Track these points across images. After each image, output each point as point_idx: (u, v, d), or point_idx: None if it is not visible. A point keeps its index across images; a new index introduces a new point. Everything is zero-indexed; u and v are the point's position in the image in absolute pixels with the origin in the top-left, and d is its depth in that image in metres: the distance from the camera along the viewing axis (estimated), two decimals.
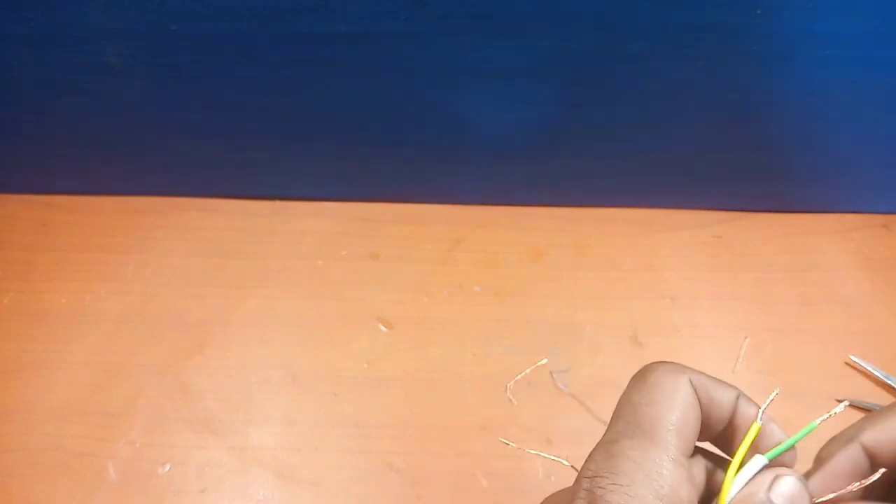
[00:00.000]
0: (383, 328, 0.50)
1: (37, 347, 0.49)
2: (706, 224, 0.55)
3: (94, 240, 0.54)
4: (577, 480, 0.24)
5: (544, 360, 0.48)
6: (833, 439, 0.27)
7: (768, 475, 0.25)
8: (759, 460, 0.25)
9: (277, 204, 0.56)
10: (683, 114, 0.48)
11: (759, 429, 0.26)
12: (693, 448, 0.26)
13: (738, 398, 0.26)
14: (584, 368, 0.48)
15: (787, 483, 0.25)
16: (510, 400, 0.46)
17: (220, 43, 0.44)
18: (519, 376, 0.47)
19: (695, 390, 0.26)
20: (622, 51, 0.43)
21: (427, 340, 0.49)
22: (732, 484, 0.25)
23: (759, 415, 0.26)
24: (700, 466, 0.27)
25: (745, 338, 0.49)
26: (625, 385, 0.27)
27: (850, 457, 0.26)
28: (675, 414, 0.25)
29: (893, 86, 0.45)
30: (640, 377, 0.26)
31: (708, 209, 0.56)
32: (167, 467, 0.44)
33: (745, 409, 0.26)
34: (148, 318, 0.50)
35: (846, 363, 0.47)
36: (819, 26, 0.41)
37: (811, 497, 0.25)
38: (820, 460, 0.27)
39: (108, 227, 0.55)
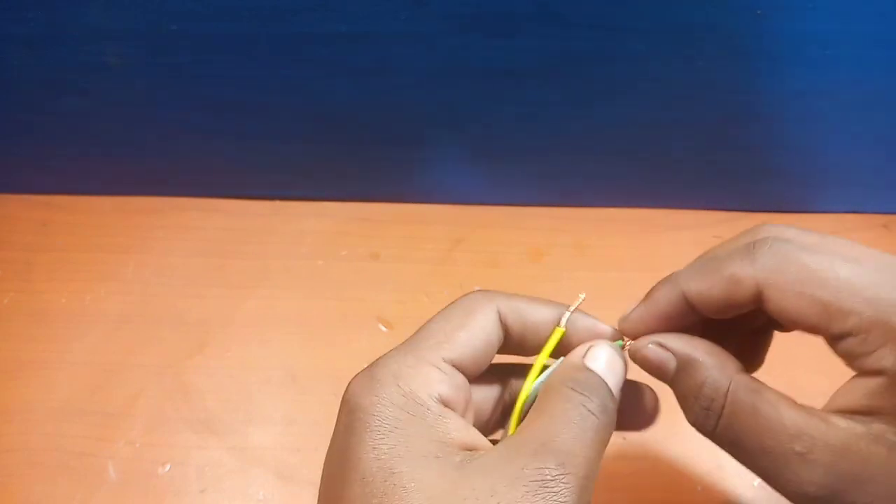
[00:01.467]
0: (383, 328, 0.50)
1: (37, 347, 0.49)
2: (706, 224, 0.55)
3: (94, 240, 0.54)
4: (343, 402, 0.27)
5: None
6: (662, 280, 0.29)
7: (582, 347, 0.28)
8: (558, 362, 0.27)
9: (277, 204, 0.56)
10: (683, 114, 0.48)
11: (563, 333, 0.28)
12: (484, 365, 0.28)
13: (561, 316, 0.29)
14: None
15: (601, 349, 0.27)
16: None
17: (220, 43, 0.44)
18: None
19: (503, 315, 0.28)
20: (622, 51, 0.43)
21: None
22: (532, 384, 0.27)
23: (564, 321, 0.28)
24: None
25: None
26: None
27: (670, 301, 0.28)
28: (458, 331, 0.27)
29: (893, 86, 0.45)
30: (451, 303, 0.29)
31: (708, 209, 0.56)
32: (167, 467, 0.44)
33: (583, 322, 0.29)
34: (148, 318, 0.50)
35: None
36: (819, 27, 0.41)
37: (626, 362, 0.28)
38: (647, 295, 0.29)
39: (108, 227, 0.55)
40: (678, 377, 0.27)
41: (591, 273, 0.53)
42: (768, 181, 0.53)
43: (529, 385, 0.27)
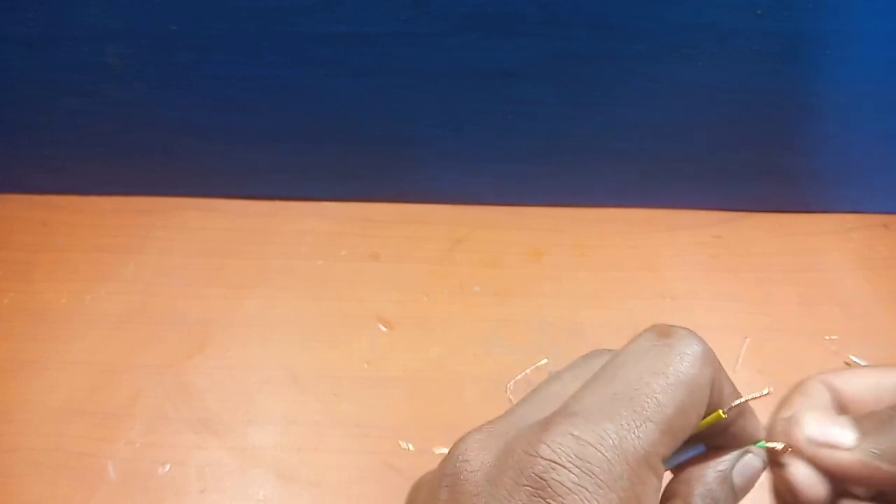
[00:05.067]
0: (383, 328, 0.50)
1: (37, 347, 0.49)
2: (706, 224, 0.55)
3: (94, 240, 0.54)
4: (517, 454, 0.19)
5: (544, 361, 0.48)
6: (805, 379, 0.25)
7: (737, 453, 0.23)
8: (698, 448, 0.24)
9: (277, 204, 0.56)
10: (683, 114, 0.48)
11: (723, 418, 0.23)
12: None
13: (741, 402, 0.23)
14: None
15: (751, 461, 0.23)
16: (510, 400, 0.46)
17: (220, 43, 0.44)
18: (519, 376, 0.47)
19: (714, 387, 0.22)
20: (622, 51, 0.43)
21: (427, 340, 0.49)
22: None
23: (729, 407, 0.23)
24: None
25: (745, 338, 0.49)
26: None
27: (824, 396, 0.24)
28: (671, 410, 0.20)
29: (894, 86, 0.45)
30: (663, 342, 0.21)
31: (708, 209, 0.56)
32: (167, 467, 0.44)
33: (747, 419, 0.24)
34: (148, 318, 0.50)
35: (846, 363, 0.47)
36: (819, 26, 0.41)
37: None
38: (796, 394, 0.25)
39: (108, 227, 0.55)
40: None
41: (591, 273, 0.53)
42: (768, 181, 0.53)
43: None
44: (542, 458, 0.18)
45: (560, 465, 0.18)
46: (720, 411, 0.22)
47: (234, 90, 0.47)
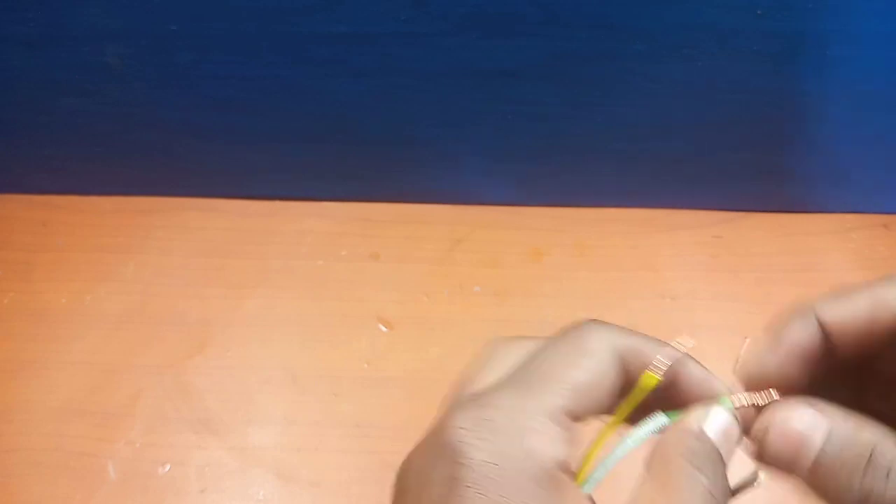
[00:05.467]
0: (383, 328, 0.50)
1: (37, 347, 0.49)
2: (706, 224, 0.55)
3: (94, 240, 0.54)
4: (442, 430, 0.21)
5: None
6: (791, 309, 0.25)
7: (701, 410, 0.23)
8: (659, 419, 0.23)
9: (277, 204, 0.56)
10: (683, 114, 0.48)
11: (656, 381, 0.23)
12: (600, 410, 0.23)
13: (680, 359, 0.24)
14: None
15: (720, 416, 0.23)
16: None
17: (220, 43, 0.44)
18: None
19: (620, 354, 0.24)
20: (622, 51, 0.43)
21: (427, 340, 0.49)
22: (609, 434, 0.23)
23: (659, 367, 0.23)
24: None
25: (745, 338, 0.49)
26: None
27: (806, 333, 0.24)
28: (573, 371, 0.22)
29: (893, 86, 0.45)
30: (561, 332, 0.25)
31: (708, 209, 0.56)
32: (167, 467, 0.44)
33: (691, 371, 0.25)
34: (148, 318, 0.50)
35: None
36: (819, 26, 0.41)
37: (741, 430, 0.23)
38: (774, 332, 0.25)
39: (108, 227, 0.55)
40: (828, 456, 0.21)
41: (591, 273, 0.53)
42: (768, 181, 0.53)
43: (606, 435, 0.24)
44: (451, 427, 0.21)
45: (465, 429, 0.21)
46: (651, 374, 0.23)
47: (234, 90, 0.47)
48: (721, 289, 0.52)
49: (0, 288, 0.52)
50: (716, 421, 0.23)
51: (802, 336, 0.24)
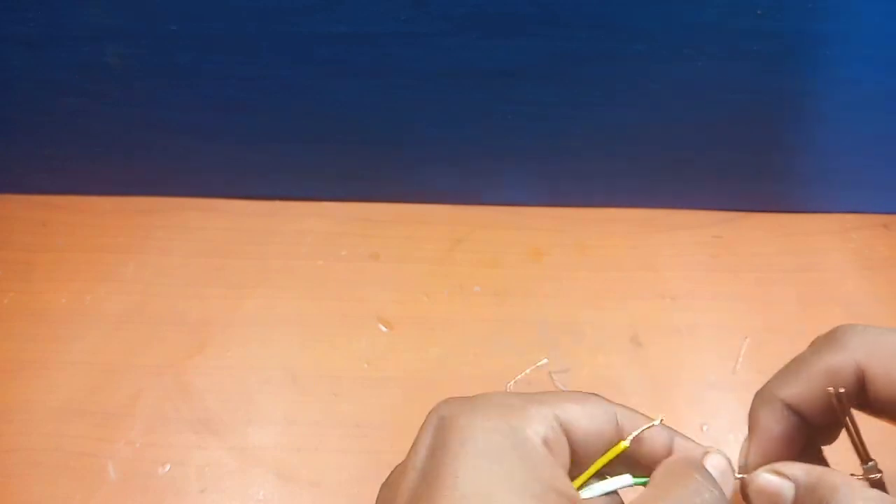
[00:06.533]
0: (383, 328, 0.50)
1: (37, 347, 0.49)
2: (706, 224, 0.55)
3: (94, 240, 0.54)
4: (434, 420, 0.24)
5: (544, 360, 0.48)
6: (756, 397, 0.27)
7: (698, 449, 0.26)
8: (626, 478, 0.25)
9: (277, 204, 0.56)
10: (683, 114, 0.48)
11: (625, 448, 0.25)
12: (592, 448, 0.25)
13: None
14: (583, 368, 0.48)
15: (718, 458, 0.25)
16: None
17: (220, 43, 0.44)
18: (519, 376, 0.47)
19: (618, 419, 0.26)
20: (622, 51, 0.43)
21: (427, 340, 0.49)
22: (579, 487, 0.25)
23: (630, 438, 0.25)
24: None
25: (745, 338, 0.49)
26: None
27: (776, 420, 0.26)
28: (566, 398, 0.26)
29: (893, 86, 0.45)
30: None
31: (708, 209, 0.56)
32: (167, 467, 0.44)
33: (679, 441, 0.26)
34: (148, 318, 0.50)
35: None
36: (819, 26, 0.41)
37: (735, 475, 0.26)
38: (751, 425, 0.27)
39: (108, 227, 0.55)
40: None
41: (591, 273, 0.53)
42: (768, 181, 0.53)
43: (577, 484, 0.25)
44: None
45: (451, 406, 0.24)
46: (621, 442, 0.25)
47: (234, 90, 0.47)
48: (721, 289, 0.52)
49: (0, 288, 0.52)
50: (714, 460, 0.25)
51: (773, 423, 0.26)
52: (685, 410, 0.46)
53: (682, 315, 0.50)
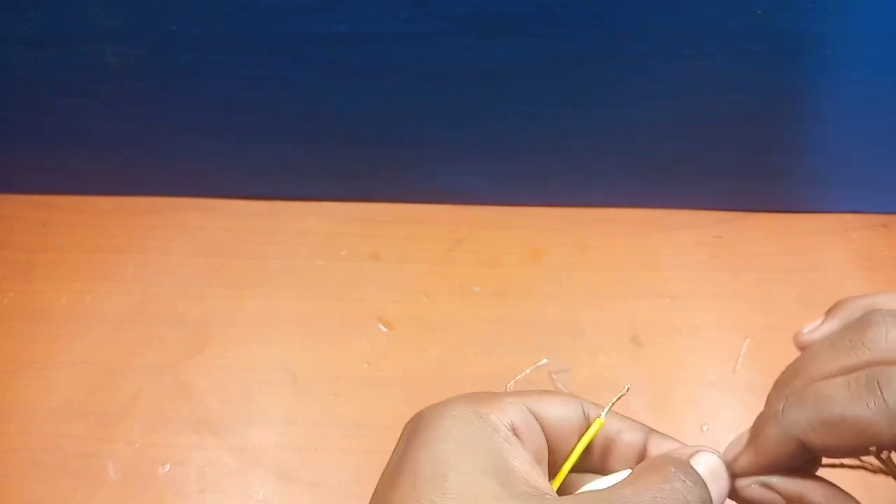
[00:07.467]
0: (383, 328, 0.50)
1: (37, 347, 0.49)
2: (706, 224, 0.55)
3: (94, 240, 0.54)
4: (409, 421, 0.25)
5: (544, 360, 0.48)
6: (765, 422, 0.26)
7: (687, 449, 0.26)
8: (627, 473, 0.25)
9: (277, 204, 0.56)
10: (683, 114, 0.48)
11: (601, 424, 0.26)
12: (565, 439, 0.26)
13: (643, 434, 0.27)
14: (584, 368, 0.48)
15: (708, 456, 0.25)
16: None
17: (220, 43, 0.44)
18: (519, 376, 0.47)
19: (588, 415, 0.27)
20: (622, 51, 0.43)
21: (427, 340, 0.49)
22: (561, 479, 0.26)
23: (605, 412, 0.26)
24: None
25: (745, 338, 0.49)
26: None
27: (781, 449, 0.25)
28: (538, 393, 0.27)
29: (893, 86, 0.45)
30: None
31: (708, 209, 0.56)
32: (167, 467, 0.44)
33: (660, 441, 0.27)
34: (148, 318, 0.50)
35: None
36: (819, 26, 0.41)
37: (730, 476, 0.25)
38: (756, 439, 0.26)
39: (108, 227, 0.55)
40: None
41: (591, 273, 0.53)
42: (768, 181, 0.53)
43: (560, 478, 0.26)
44: None
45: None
46: (599, 419, 0.26)
47: (234, 90, 0.47)
48: (721, 289, 0.52)
49: (0, 288, 0.52)
50: (705, 459, 0.25)
51: (780, 450, 0.25)
52: (685, 410, 0.46)
53: (682, 315, 0.50)
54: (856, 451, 0.23)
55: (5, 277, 0.52)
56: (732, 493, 0.26)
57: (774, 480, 0.25)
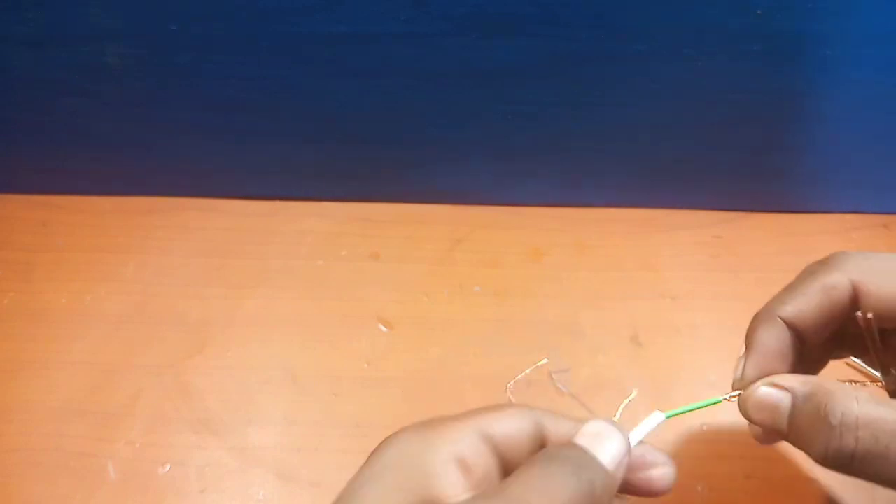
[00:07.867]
0: (383, 328, 0.50)
1: (37, 347, 0.49)
2: (706, 224, 0.55)
3: (94, 240, 0.54)
4: None
5: (544, 360, 0.48)
6: (756, 317, 0.29)
7: (578, 425, 0.26)
8: (657, 416, 0.27)
9: (277, 204, 0.56)
10: (683, 114, 0.48)
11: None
12: (516, 456, 0.26)
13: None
14: (584, 368, 0.48)
15: (590, 424, 0.26)
16: (510, 400, 0.46)
17: (220, 43, 0.44)
18: (519, 376, 0.47)
19: (544, 427, 0.27)
20: (622, 51, 0.43)
21: (427, 340, 0.49)
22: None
23: (616, 417, 0.27)
24: None
25: None
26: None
27: (774, 336, 0.28)
28: (495, 411, 0.27)
29: (893, 86, 0.45)
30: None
31: (708, 209, 0.56)
32: (167, 467, 0.44)
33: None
34: (148, 318, 0.50)
35: (847, 363, 0.47)
36: (819, 26, 0.41)
37: (625, 436, 0.26)
38: (748, 342, 0.29)
39: (108, 227, 0.55)
40: (796, 417, 0.26)
41: (591, 273, 0.53)
42: (768, 181, 0.53)
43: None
44: None
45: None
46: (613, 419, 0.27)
47: (234, 90, 0.47)
48: (721, 289, 0.52)
49: (0, 288, 0.52)
50: (587, 429, 0.26)
51: (771, 339, 0.28)
52: None
53: (682, 315, 0.50)
54: (828, 316, 0.27)
55: (5, 277, 0.52)
56: (743, 410, 0.27)
57: (778, 378, 0.27)
